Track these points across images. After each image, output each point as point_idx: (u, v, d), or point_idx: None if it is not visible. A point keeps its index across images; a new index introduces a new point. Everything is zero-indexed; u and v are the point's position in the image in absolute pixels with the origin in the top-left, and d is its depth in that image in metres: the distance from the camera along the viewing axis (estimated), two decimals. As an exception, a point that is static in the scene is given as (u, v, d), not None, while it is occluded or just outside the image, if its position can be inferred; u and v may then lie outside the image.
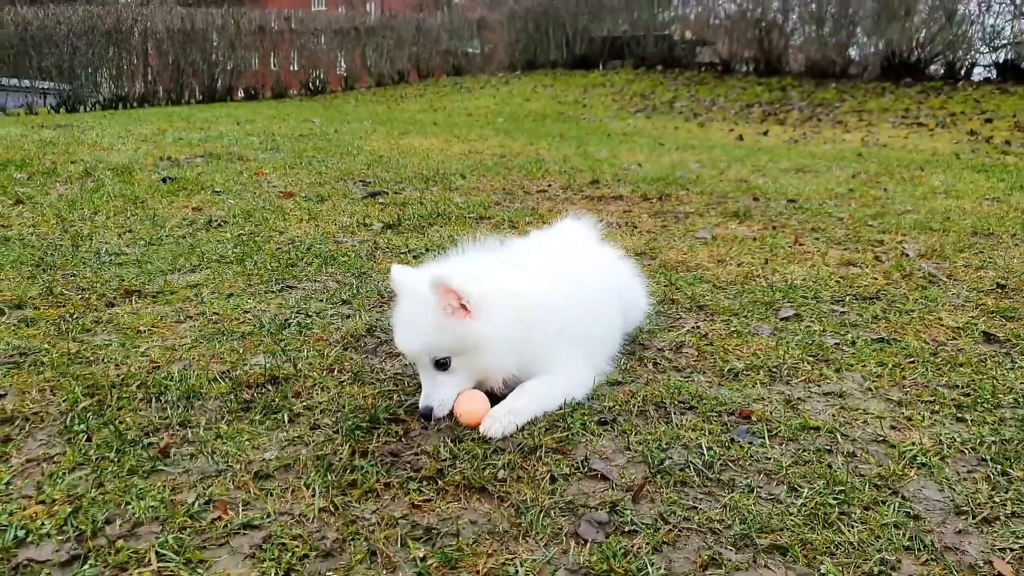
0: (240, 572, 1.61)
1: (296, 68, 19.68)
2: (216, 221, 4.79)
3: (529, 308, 2.31)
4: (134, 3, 21.56)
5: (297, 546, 1.69)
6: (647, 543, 1.72)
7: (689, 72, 17.22)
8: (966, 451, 2.16)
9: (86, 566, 1.61)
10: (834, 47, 15.44)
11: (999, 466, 2.06)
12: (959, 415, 2.37)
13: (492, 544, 1.72)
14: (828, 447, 2.17)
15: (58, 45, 15.71)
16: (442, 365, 2.23)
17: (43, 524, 1.74)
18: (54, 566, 1.62)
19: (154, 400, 2.36)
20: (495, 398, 2.31)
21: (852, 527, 1.78)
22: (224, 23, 17.94)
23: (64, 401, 2.33)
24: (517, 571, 1.62)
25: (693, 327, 3.16)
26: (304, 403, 2.37)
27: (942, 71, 14.50)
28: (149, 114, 12.61)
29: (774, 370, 2.71)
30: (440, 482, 1.95)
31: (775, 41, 16.15)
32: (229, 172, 6.54)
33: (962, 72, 14.34)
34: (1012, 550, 1.72)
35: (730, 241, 4.67)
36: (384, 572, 1.63)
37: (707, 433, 2.23)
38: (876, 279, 3.83)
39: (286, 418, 2.27)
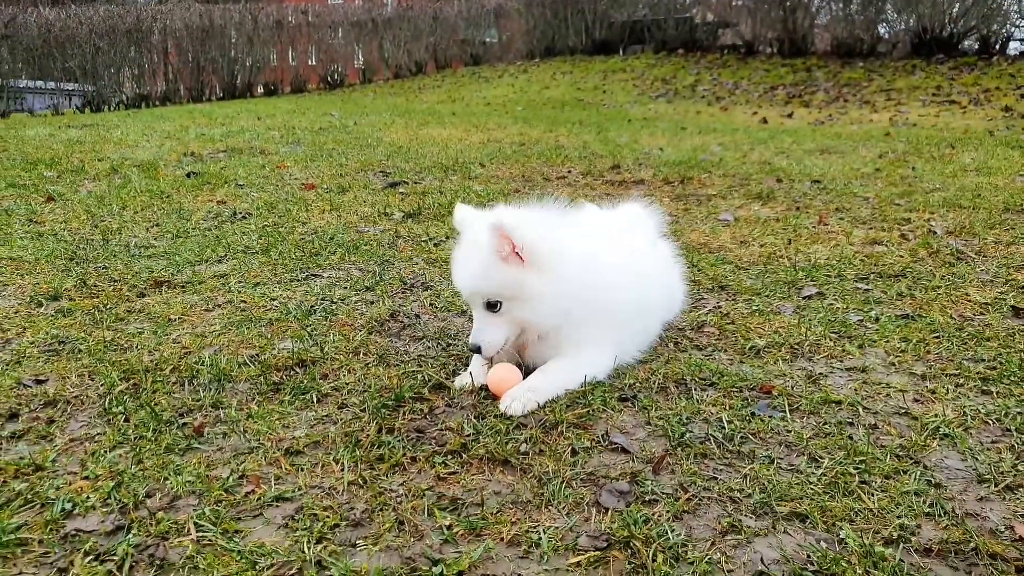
0: (274, 540, 1.70)
1: (314, 62, 19.86)
2: (240, 213, 4.90)
3: (583, 274, 2.36)
4: (153, 1, 21.86)
5: (328, 516, 1.77)
6: (667, 511, 1.77)
7: (711, 55, 17.09)
8: (990, 422, 2.18)
9: (130, 535, 1.70)
10: (862, 24, 15.23)
11: None
12: (984, 388, 2.39)
13: (516, 513, 1.78)
14: (849, 420, 2.20)
15: (81, 46, 16.02)
16: (492, 306, 2.32)
17: (88, 497, 1.84)
18: (100, 535, 1.71)
19: (187, 383, 2.46)
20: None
21: (872, 495, 1.82)
22: (242, 19, 18.15)
23: (102, 385, 2.44)
24: (540, 537, 1.68)
25: (715, 307, 3.19)
26: (331, 384, 2.45)
27: (976, 46, 14.23)
28: (171, 112, 12.83)
29: (796, 347, 2.74)
30: (464, 456, 2.02)
31: (800, 21, 15.96)
32: (251, 166, 6.66)
33: (997, 47, 14.06)
34: (1033, 515, 1.75)
35: (753, 222, 4.68)
36: (412, 539, 1.70)
37: (727, 408, 2.27)
38: (902, 257, 3.83)
39: (314, 398, 2.36)
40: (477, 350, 2.33)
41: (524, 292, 2.28)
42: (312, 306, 3.19)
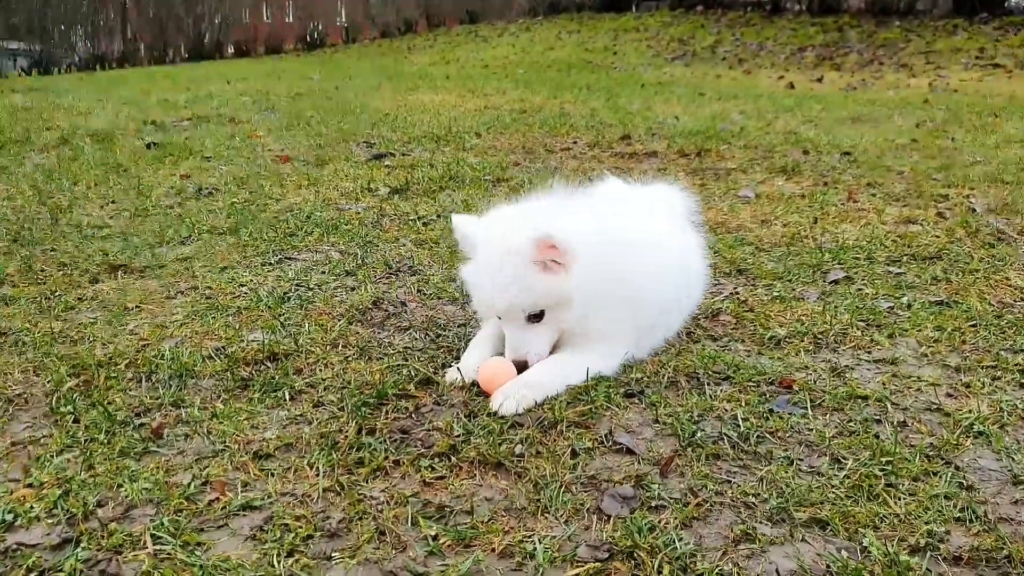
0: (241, 553, 1.70)
1: (291, 20, 19.74)
2: (207, 189, 4.89)
3: (623, 270, 2.43)
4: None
5: (300, 526, 1.77)
6: (675, 518, 1.78)
7: (733, 13, 17.01)
8: (1031, 419, 2.19)
9: (79, 549, 1.70)
10: (898, -21, 15.15)
11: (1068, 435, 2.09)
12: (1023, 381, 2.41)
13: (509, 521, 1.79)
14: (876, 417, 2.21)
15: None
16: (535, 317, 2.38)
17: (32, 507, 1.83)
18: (45, 549, 1.71)
19: (144, 380, 2.45)
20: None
21: (899, 499, 1.83)
22: (209, -29, 18.04)
23: (49, 382, 2.43)
24: (535, 548, 1.69)
25: (732, 293, 3.20)
26: (306, 380, 2.45)
27: (1024, 3, 14.17)
28: (130, 75, 12.78)
29: (820, 337, 2.75)
30: (453, 459, 2.02)
31: (831, -26, 15.88)
32: (220, 136, 6.64)
33: (1048, 3, 14.00)
34: (1078, 523, 1.76)
35: (776, 199, 4.68)
36: (393, 551, 1.70)
37: (743, 404, 2.28)
38: (938, 237, 3.83)
39: (287, 396, 2.36)
40: (521, 365, 2.38)
41: (571, 298, 2.36)
42: (286, 293, 3.19)
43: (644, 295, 2.50)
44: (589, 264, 2.37)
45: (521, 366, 2.38)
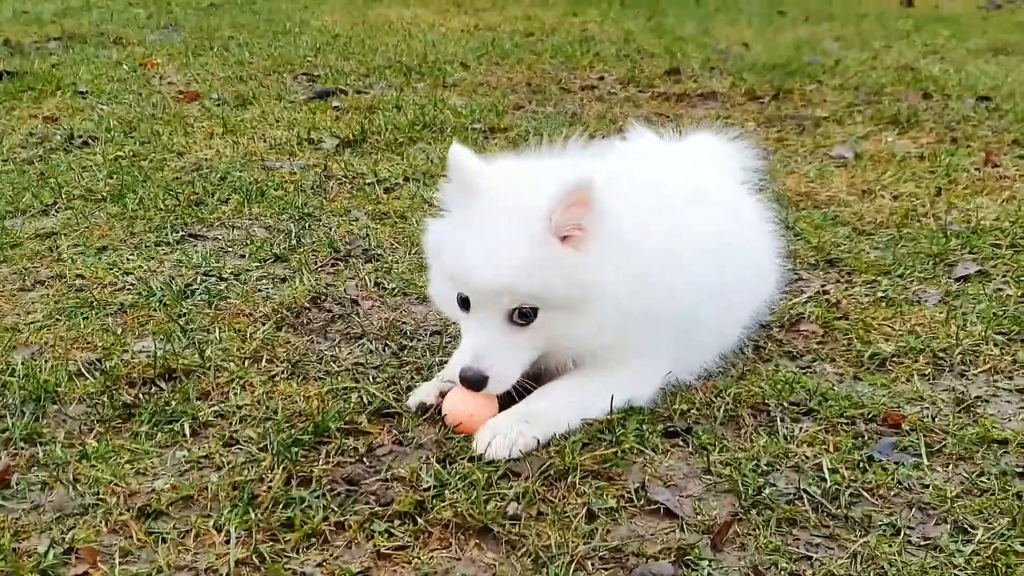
0: (117, 650, 1.70)
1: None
2: (81, 137, 4.89)
3: (676, 258, 2.40)
4: None
5: (202, 614, 1.77)
6: (732, 608, 1.77)
7: None
8: None
9: None
10: None
11: None
12: None
13: (496, 611, 1.79)
14: (1019, 468, 2.20)
15: None
16: (524, 316, 2.28)
17: None
18: None
19: (-13, 404, 2.46)
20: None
21: (1049, 586, 1.83)
22: None
23: None
24: (532, 649, 1.68)
25: (818, 292, 3.20)
26: (215, 408, 2.45)
27: None
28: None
29: (942, 356, 2.74)
30: (420, 520, 2.01)
31: None
32: (100, 63, 6.64)
33: None
34: None
35: (884, 161, 4.69)
36: (332, 650, 1.70)
37: (831, 449, 2.27)
38: (1113, 217, 3.84)
39: (187, 429, 2.35)
40: (477, 383, 2.27)
41: (584, 293, 2.27)
42: (188, 285, 3.19)
43: (693, 300, 2.49)
44: (633, 245, 2.33)
45: (473, 385, 2.27)
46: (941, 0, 12.10)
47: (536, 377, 2.44)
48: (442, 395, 2.41)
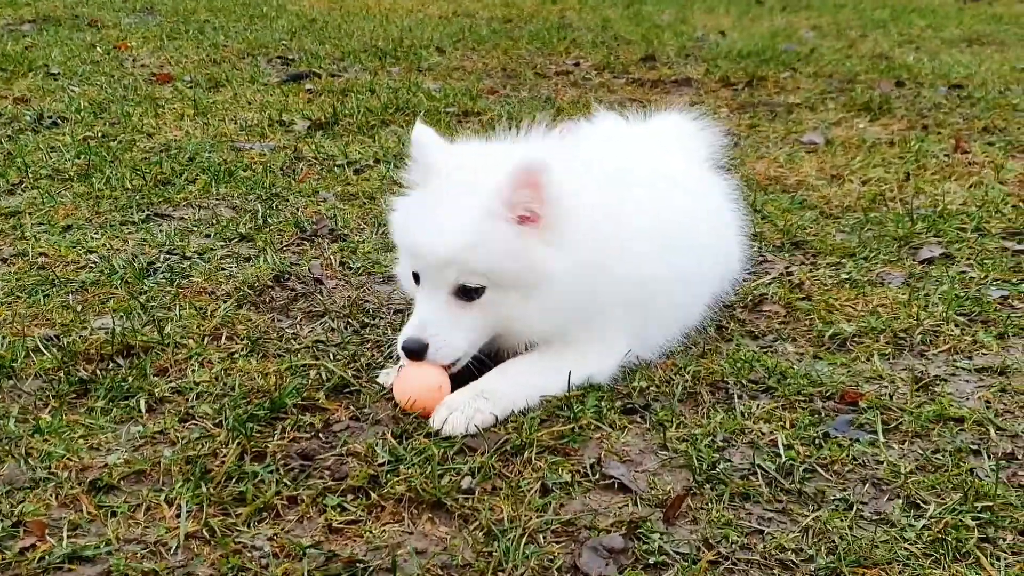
0: (62, 621, 1.69)
1: None
2: (50, 118, 4.85)
3: (635, 244, 2.40)
4: None
5: (150, 586, 1.76)
6: (681, 581, 1.77)
7: None
8: None
9: None
10: None
11: None
12: None
13: (446, 583, 1.78)
14: (974, 445, 2.21)
15: None
16: (469, 293, 2.29)
17: None
18: None
19: (-57, 379, 2.44)
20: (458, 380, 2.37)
21: (998, 558, 1.83)
22: None
23: None
24: (480, 620, 1.68)
25: (783, 273, 3.20)
26: (172, 384, 2.43)
27: None
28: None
29: (902, 336, 2.75)
30: (373, 495, 2.01)
31: None
32: (73, 45, 6.60)
33: None
34: None
35: (854, 147, 4.70)
36: (280, 622, 1.69)
37: (788, 425, 2.27)
38: (1080, 203, 3.86)
39: (142, 405, 2.34)
40: (418, 352, 2.28)
41: (531, 276, 2.28)
42: (151, 263, 3.17)
43: (656, 278, 2.50)
44: (586, 229, 2.33)
45: (413, 354, 2.28)
46: (919, -9, 12.12)
47: (496, 357, 2.45)
48: None
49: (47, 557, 1.82)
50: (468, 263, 2.25)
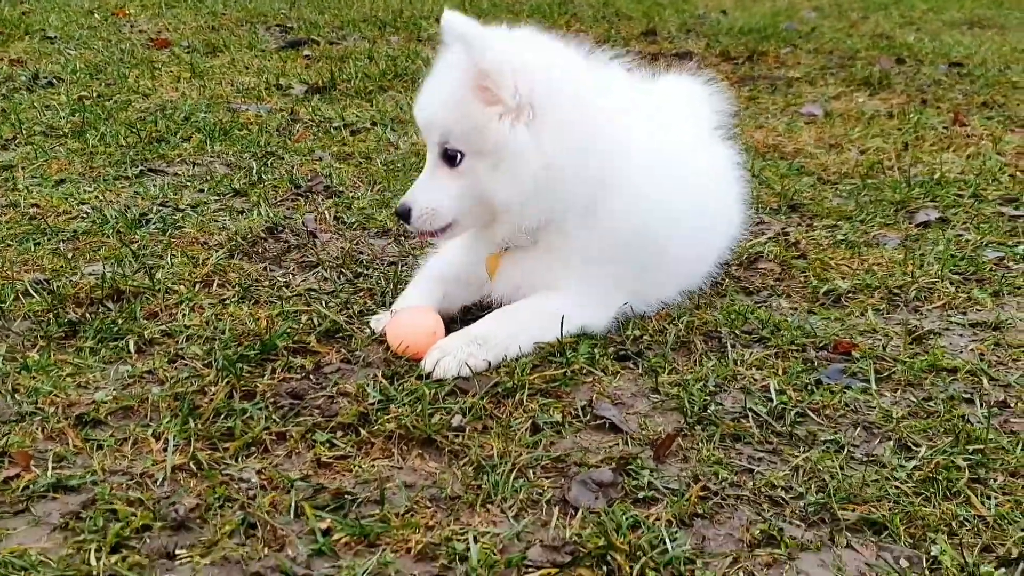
0: (44, 547, 1.67)
1: None
2: (45, 78, 4.83)
3: (597, 140, 2.38)
4: None
5: (134, 514, 1.74)
6: (670, 513, 1.77)
7: None
8: None
9: None
10: None
11: None
12: None
13: (435, 514, 1.77)
14: (966, 394, 2.21)
15: None
16: (450, 158, 2.36)
17: None
18: None
19: (-69, 318, 2.43)
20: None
21: (988, 498, 1.83)
22: None
23: None
24: (468, 548, 1.67)
25: (779, 233, 3.19)
26: (161, 327, 2.43)
27: None
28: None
29: (897, 293, 2.75)
30: (363, 431, 2.01)
31: None
32: (72, 11, 6.59)
33: None
34: None
35: (852, 119, 4.69)
36: (265, 549, 1.68)
37: (780, 372, 2.27)
38: (1076, 171, 3.85)
39: (131, 346, 2.33)
40: (404, 214, 2.36)
41: (496, 143, 2.29)
42: (143, 214, 3.16)
43: (655, 226, 2.47)
44: (583, 135, 2.36)
45: (401, 216, 2.39)
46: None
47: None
48: None
49: (31, 486, 1.82)
50: (443, 126, 2.34)
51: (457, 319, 2.51)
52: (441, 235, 2.42)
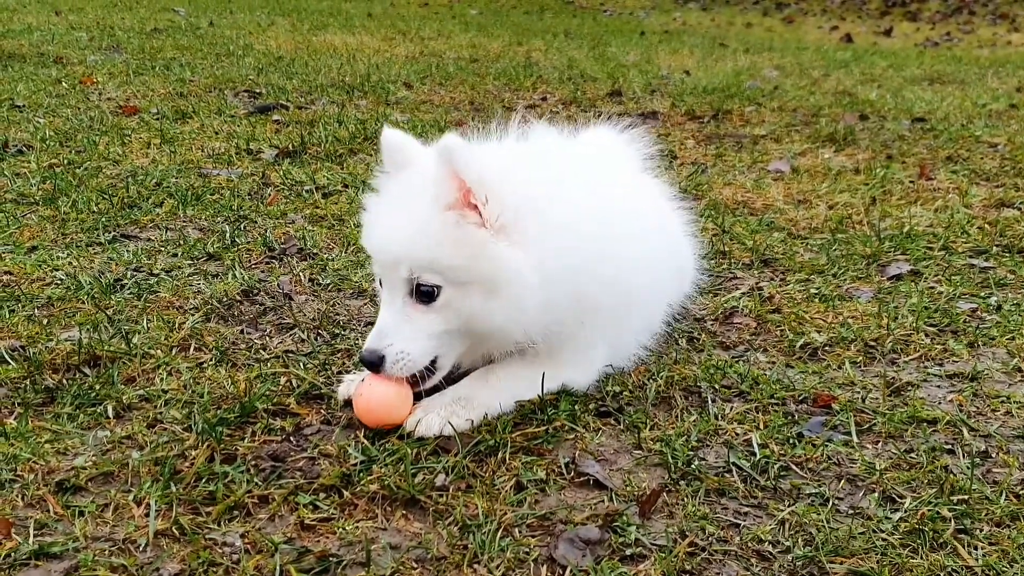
0: (27, 615, 1.66)
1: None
2: (15, 146, 4.82)
3: (597, 246, 2.33)
4: None
5: (118, 580, 1.73)
6: (659, 570, 1.77)
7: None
8: None
9: None
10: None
11: None
12: None
13: (422, 575, 1.76)
14: (948, 445, 2.24)
15: None
16: (425, 295, 2.21)
17: None
18: None
19: (-96, 387, 2.40)
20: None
21: (975, 548, 1.85)
22: None
23: None
24: (456, 609, 1.67)
25: (753, 288, 3.23)
26: (140, 392, 2.41)
27: None
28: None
29: (873, 345, 2.78)
30: (346, 493, 2.00)
31: None
32: (39, 80, 6.58)
33: None
34: None
35: (820, 175, 4.77)
36: (250, 613, 1.67)
37: (762, 426, 2.29)
38: (1041, 224, 3.93)
39: (110, 411, 2.32)
40: (374, 361, 2.20)
41: (492, 268, 2.18)
42: (118, 280, 3.14)
43: (633, 284, 2.49)
44: (587, 248, 2.31)
45: (372, 366, 2.20)
46: (879, 37, 12.35)
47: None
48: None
49: (13, 554, 1.80)
50: (416, 259, 2.18)
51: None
52: (430, 378, 2.28)
